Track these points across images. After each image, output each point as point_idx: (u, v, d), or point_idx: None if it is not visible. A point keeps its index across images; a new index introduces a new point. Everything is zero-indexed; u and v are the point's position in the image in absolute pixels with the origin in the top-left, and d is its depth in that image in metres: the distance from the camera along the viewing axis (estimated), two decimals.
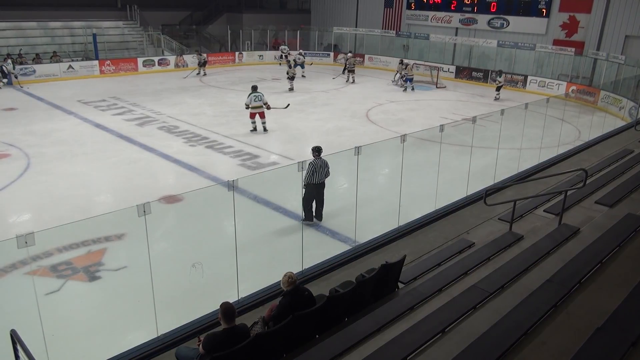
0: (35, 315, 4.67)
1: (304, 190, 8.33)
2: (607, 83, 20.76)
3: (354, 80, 23.59)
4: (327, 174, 8.58)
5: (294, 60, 23.64)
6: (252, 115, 14.60)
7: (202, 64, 24.65)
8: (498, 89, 20.78)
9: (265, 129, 14.71)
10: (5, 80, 20.63)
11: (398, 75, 23.28)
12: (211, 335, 4.17)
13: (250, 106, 14.40)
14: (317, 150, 8.60)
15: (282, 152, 13.12)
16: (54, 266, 7.27)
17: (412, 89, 21.87)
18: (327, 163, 8.53)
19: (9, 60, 20.75)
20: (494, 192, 8.63)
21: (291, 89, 21.03)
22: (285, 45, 28.98)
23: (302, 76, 24.13)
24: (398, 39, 29.36)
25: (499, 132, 10.87)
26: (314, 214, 8.69)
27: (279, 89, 21.18)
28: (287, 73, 21.44)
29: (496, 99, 20.53)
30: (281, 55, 28.21)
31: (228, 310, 4.09)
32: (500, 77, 20.80)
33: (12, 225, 8.71)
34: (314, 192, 8.49)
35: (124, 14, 28.57)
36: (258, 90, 14.50)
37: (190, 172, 11.43)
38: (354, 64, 23.92)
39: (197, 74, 24.32)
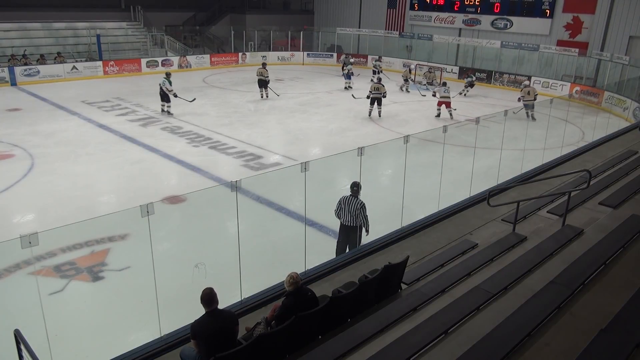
0: (38, 315, 4.68)
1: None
2: (611, 84, 20.70)
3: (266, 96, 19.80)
4: (363, 220, 7.06)
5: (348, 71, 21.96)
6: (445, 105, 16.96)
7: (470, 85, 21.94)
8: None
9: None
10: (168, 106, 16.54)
11: (425, 80, 23.48)
12: (193, 322, 4.23)
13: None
14: (352, 187, 7.14)
15: (285, 152, 13.12)
16: (57, 266, 7.29)
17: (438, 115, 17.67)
18: (363, 205, 7.05)
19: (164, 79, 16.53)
20: (497, 193, 8.61)
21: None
22: (350, 60, 25.46)
23: (349, 88, 21.45)
24: (402, 39, 29.36)
25: (503, 133, 10.86)
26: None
27: (280, 89, 21.16)
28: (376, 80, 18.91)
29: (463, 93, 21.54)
30: (343, 66, 24.14)
31: (205, 295, 4.16)
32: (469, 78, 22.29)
33: (16, 226, 8.73)
34: (343, 234, 7.23)
35: (128, 14, 28.64)
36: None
37: (193, 173, 11.45)
38: None
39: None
